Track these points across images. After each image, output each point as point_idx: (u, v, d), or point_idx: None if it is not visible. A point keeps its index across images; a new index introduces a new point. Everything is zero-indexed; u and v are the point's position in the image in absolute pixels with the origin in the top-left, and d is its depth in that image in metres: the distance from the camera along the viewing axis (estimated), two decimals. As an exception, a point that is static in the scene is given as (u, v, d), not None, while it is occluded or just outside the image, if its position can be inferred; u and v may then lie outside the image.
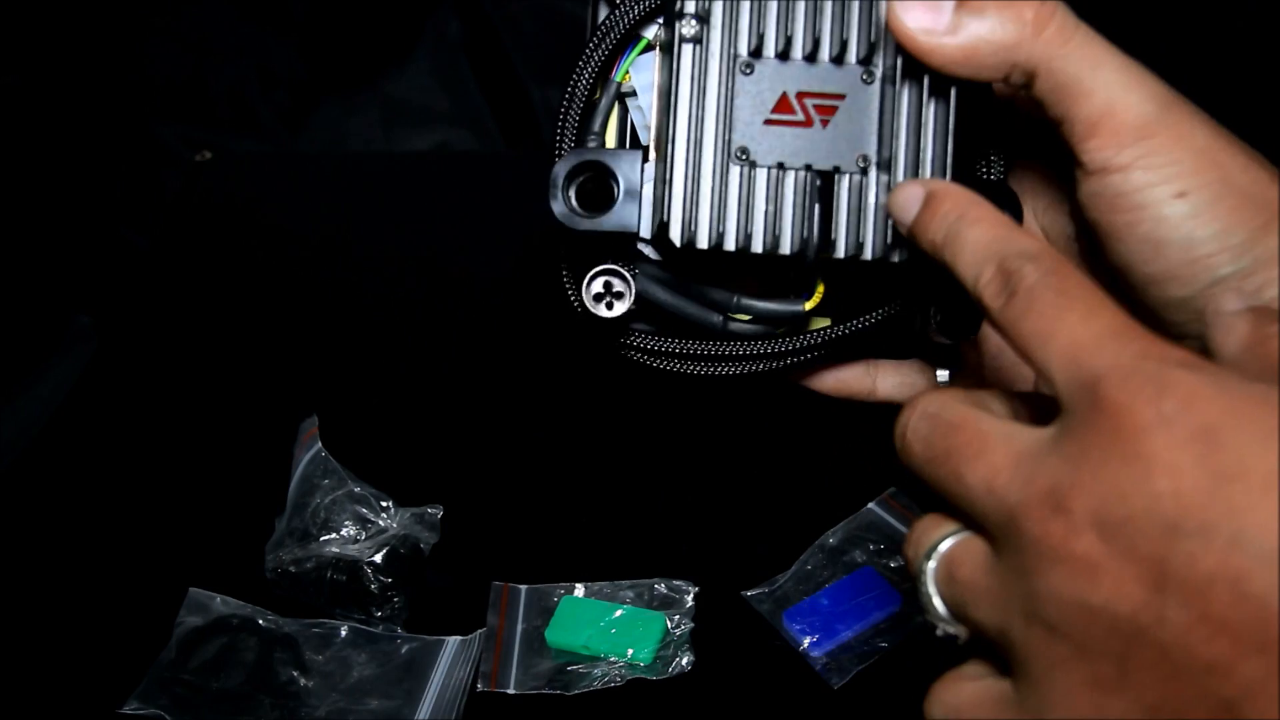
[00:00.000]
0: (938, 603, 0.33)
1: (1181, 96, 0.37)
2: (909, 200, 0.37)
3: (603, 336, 0.45)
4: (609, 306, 0.43)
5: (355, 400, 0.92)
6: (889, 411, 0.51)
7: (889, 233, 0.41)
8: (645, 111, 0.44)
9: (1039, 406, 0.34)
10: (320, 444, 0.80)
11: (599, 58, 0.43)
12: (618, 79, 0.44)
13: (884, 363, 0.48)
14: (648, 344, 0.45)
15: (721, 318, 0.45)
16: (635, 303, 0.43)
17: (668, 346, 0.45)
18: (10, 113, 1.03)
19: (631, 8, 0.42)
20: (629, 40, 0.43)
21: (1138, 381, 0.28)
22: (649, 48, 0.44)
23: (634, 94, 0.44)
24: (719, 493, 0.84)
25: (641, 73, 0.44)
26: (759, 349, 0.45)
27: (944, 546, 0.33)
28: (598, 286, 0.43)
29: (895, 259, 0.41)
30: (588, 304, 0.43)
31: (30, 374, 0.99)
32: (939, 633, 0.33)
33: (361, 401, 0.92)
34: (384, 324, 1.02)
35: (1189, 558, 0.27)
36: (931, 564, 0.33)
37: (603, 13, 0.44)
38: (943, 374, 0.45)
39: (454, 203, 1.17)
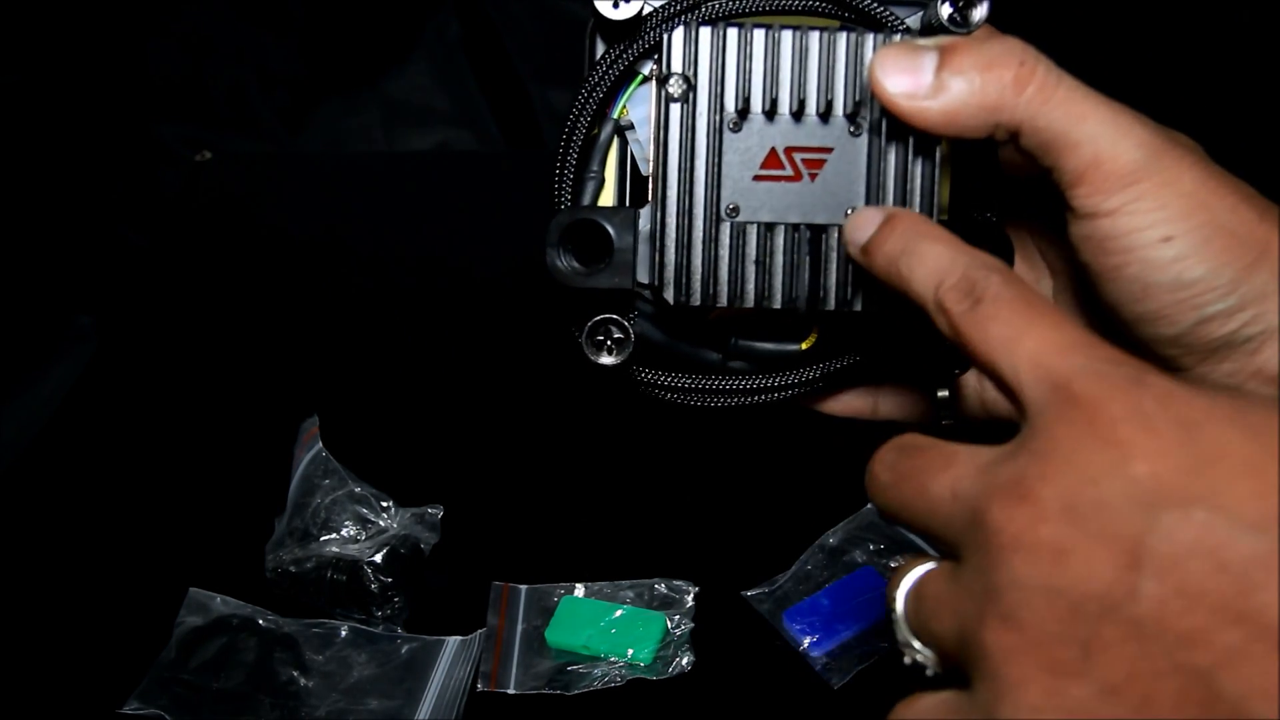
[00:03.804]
0: (903, 627, 0.33)
1: (1173, 140, 0.38)
2: (866, 222, 0.38)
3: (605, 381, 0.46)
4: (610, 353, 0.44)
5: (355, 400, 0.92)
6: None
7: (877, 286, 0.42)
8: (644, 144, 0.44)
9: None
10: (320, 444, 0.80)
11: (595, 99, 0.43)
12: (615, 115, 0.44)
13: (885, 385, 0.49)
14: (654, 377, 0.46)
15: (720, 357, 0.46)
16: (636, 346, 0.44)
17: (673, 381, 0.46)
18: (11, 112, 1.03)
19: (626, 50, 0.43)
20: (625, 77, 0.44)
21: (1113, 379, 0.29)
22: (645, 81, 0.44)
23: (632, 127, 0.45)
24: (719, 493, 0.84)
25: (639, 105, 0.44)
26: (761, 383, 0.46)
27: (914, 574, 0.33)
28: (598, 335, 0.44)
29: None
30: (588, 352, 0.44)
31: (30, 374, 0.99)
32: (906, 660, 0.33)
33: (361, 401, 0.92)
34: (384, 324, 1.02)
35: (1166, 533, 0.27)
36: (901, 592, 0.33)
37: (599, 46, 0.44)
38: (943, 393, 0.46)
39: (454, 203, 1.17)
